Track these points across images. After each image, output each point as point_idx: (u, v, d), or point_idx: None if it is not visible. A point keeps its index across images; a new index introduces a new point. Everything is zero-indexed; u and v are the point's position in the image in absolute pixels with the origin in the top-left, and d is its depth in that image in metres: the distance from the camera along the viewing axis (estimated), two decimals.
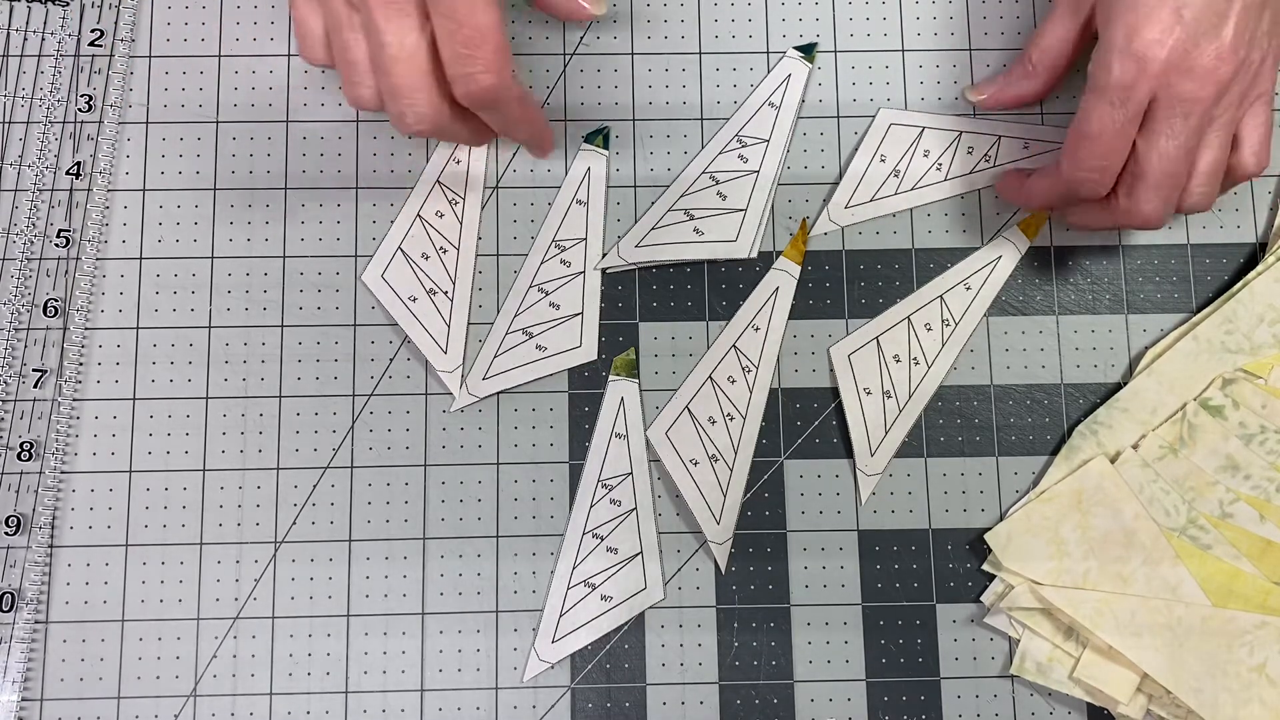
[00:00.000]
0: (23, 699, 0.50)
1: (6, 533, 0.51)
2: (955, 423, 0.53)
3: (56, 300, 0.53)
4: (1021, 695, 0.51)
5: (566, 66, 0.55)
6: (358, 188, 0.54)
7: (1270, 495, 0.51)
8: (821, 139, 0.55)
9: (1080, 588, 0.50)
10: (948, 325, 0.53)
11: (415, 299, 0.53)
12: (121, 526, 0.51)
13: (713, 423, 0.52)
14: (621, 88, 0.55)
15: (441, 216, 0.54)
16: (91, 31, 0.55)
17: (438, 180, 0.54)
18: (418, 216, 0.54)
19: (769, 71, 0.55)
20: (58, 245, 0.53)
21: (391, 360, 0.53)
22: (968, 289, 0.54)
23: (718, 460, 0.52)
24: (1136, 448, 0.52)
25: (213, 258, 0.53)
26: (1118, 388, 0.53)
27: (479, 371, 0.53)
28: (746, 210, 0.54)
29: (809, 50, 0.55)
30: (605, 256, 0.54)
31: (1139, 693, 0.50)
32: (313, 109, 0.55)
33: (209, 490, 0.52)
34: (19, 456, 0.52)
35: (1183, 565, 0.50)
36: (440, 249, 0.53)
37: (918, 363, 0.53)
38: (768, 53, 0.55)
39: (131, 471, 0.52)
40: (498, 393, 0.53)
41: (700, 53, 0.55)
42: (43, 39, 0.55)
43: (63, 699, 0.50)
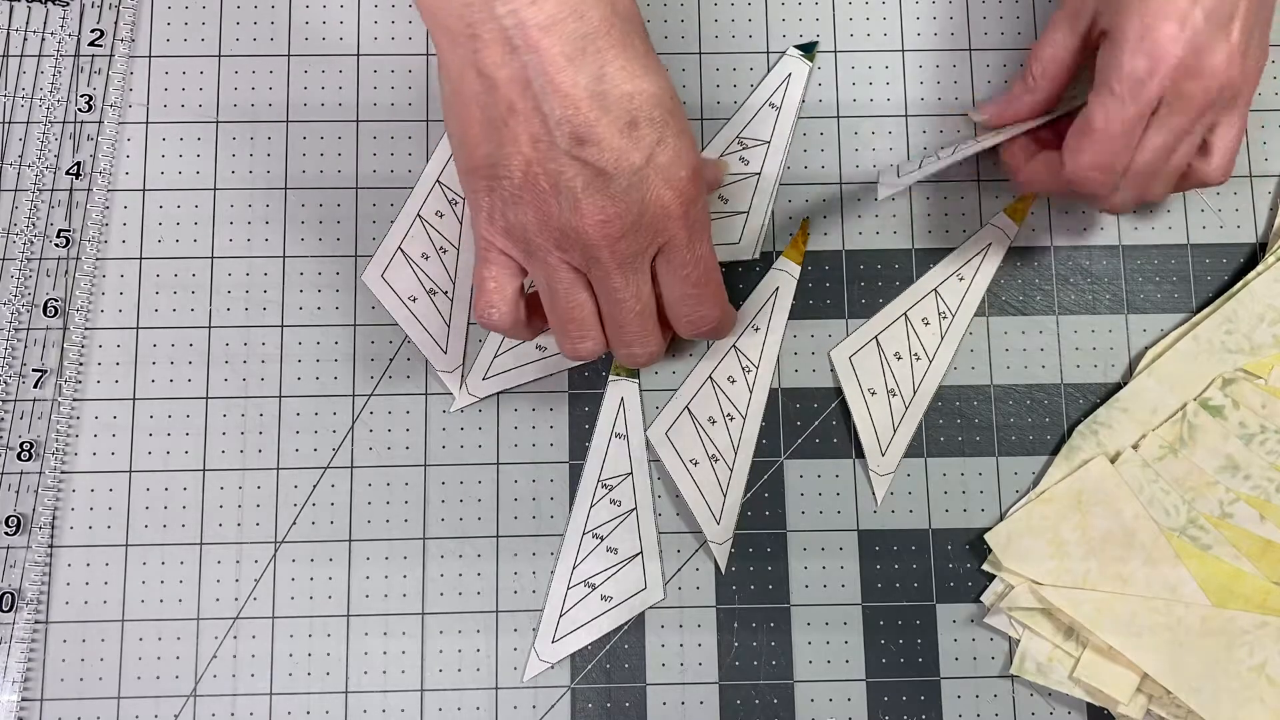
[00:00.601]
0: (23, 699, 0.50)
1: (6, 533, 0.51)
2: (955, 423, 0.53)
3: (56, 300, 0.53)
4: (1021, 695, 0.51)
5: None
6: (358, 188, 0.54)
7: (1270, 495, 0.51)
8: (821, 139, 0.55)
9: (1080, 588, 0.50)
10: (945, 318, 0.53)
11: (415, 299, 0.53)
12: (121, 526, 0.51)
13: (713, 423, 0.52)
14: None
15: (441, 216, 0.54)
16: (91, 31, 0.55)
17: (438, 180, 0.54)
18: (418, 216, 0.54)
19: (769, 71, 0.55)
20: (58, 245, 0.53)
21: (391, 360, 0.53)
22: (961, 279, 0.54)
23: (718, 460, 0.52)
24: (1136, 448, 0.52)
25: (213, 258, 0.53)
26: (1118, 388, 0.53)
27: (479, 371, 0.53)
28: (749, 213, 0.54)
29: (809, 49, 0.55)
30: None
31: (1139, 693, 0.50)
32: (313, 109, 0.55)
33: (209, 490, 0.52)
34: (19, 456, 0.52)
35: (1183, 565, 0.50)
36: (440, 249, 0.53)
37: (919, 358, 0.53)
38: (768, 52, 0.55)
39: (131, 471, 0.52)
40: (498, 393, 0.53)
41: (700, 53, 0.55)
42: (43, 39, 0.55)
43: (63, 699, 0.50)
